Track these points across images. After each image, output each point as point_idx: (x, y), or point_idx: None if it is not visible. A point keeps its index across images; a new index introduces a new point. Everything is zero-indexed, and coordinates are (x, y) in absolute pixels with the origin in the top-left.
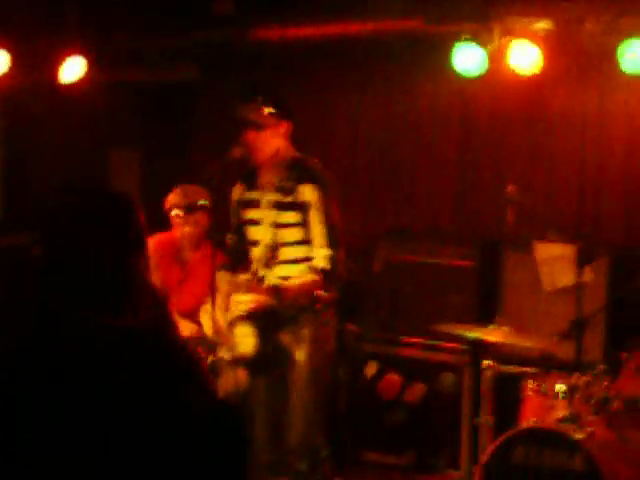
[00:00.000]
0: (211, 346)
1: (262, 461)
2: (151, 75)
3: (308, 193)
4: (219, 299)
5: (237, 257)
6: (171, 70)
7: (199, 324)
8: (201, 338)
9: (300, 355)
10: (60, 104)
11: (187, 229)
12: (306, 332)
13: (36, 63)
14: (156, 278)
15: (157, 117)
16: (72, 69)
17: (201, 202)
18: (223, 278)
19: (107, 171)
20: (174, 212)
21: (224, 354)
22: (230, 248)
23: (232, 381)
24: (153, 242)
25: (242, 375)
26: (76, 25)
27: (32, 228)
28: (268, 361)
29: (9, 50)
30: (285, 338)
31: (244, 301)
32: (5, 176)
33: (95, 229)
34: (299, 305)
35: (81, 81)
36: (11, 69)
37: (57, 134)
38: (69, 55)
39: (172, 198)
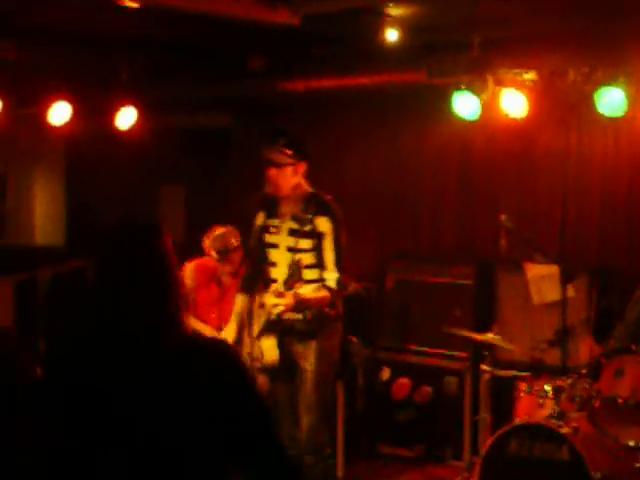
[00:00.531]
0: None
1: None
2: (192, 122)
3: (323, 224)
4: (233, 317)
5: (254, 277)
6: (209, 117)
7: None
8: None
9: (308, 363)
10: (116, 147)
11: (224, 268)
12: (314, 343)
13: (94, 113)
14: (195, 296)
15: (198, 158)
16: (125, 117)
17: (233, 244)
18: (239, 299)
19: (157, 204)
20: (212, 254)
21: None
22: (250, 273)
23: (258, 385)
24: (195, 265)
25: (264, 380)
26: (128, 80)
27: (90, 255)
28: (286, 368)
29: (71, 102)
30: (297, 348)
31: (279, 303)
32: (69, 210)
33: (136, 253)
34: (311, 319)
35: (133, 127)
36: (72, 118)
37: (113, 173)
38: (123, 105)
39: (208, 242)
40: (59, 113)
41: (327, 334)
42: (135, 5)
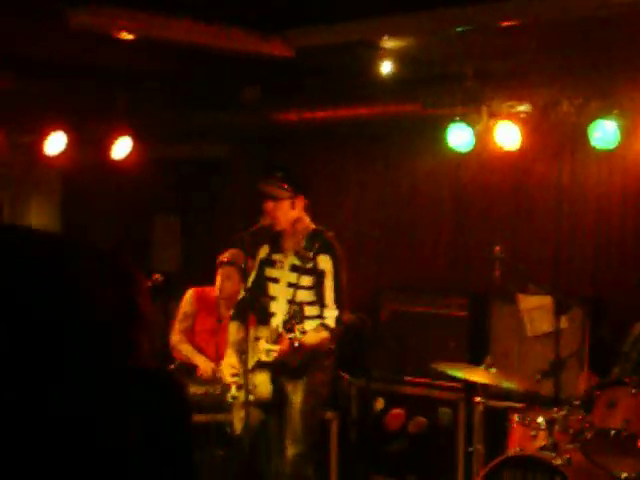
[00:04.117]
0: (224, 386)
1: None
2: (188, 152)
3: (324, 262)
4: (230, 347)
5: (248, 310)
6: (206, 148)
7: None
8: (216, 377)
9: (297, 398)
10: (111, 177)
11: (227, 283)
12: (305, 379)
13: (90, 143)
14: (193, 322)
15: (194, 187)
16: (121, 147)
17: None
18: (233, 329)
19: (152, 233)
20: (225, 264)
21: (238, 394)
22: (243, 301)
23: (250, 418)
24: (196, 291)
25: (255, 413)
26: (124, 110)
27: None
28: (278, 403)
29: (67, 132)
30: (288, 384)
31: (273, 349)
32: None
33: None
34: (302, 359)
35: (129, 157)
36: (68, 148)
37: (109, 203)
38: (119, 135)
39: (229, 252)
40: (55, 143)
41: (318, 370)
42: (130, 37)
